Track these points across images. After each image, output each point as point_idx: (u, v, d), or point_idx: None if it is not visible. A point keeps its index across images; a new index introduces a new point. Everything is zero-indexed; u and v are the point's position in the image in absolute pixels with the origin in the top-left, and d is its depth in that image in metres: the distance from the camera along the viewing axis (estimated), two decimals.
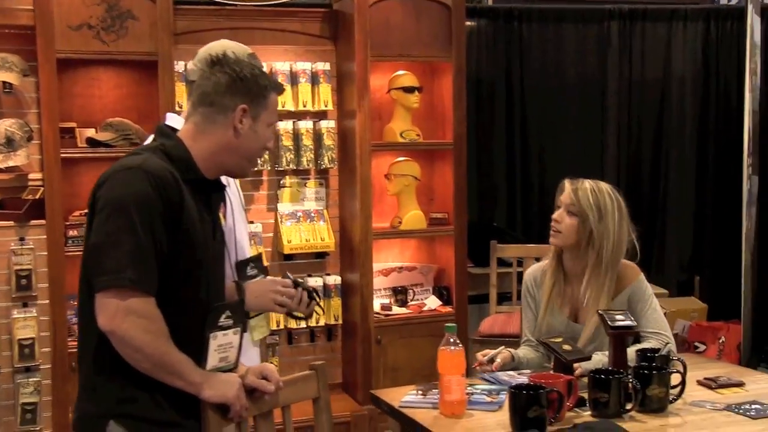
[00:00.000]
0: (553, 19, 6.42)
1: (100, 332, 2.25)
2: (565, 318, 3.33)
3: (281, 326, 5.06)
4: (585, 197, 3.28)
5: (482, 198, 6.27)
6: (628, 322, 2.98)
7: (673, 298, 6.31)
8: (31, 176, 4.66)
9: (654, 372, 2.79)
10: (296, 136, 5.05)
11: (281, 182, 5.15)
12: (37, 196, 4.59)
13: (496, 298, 5.30)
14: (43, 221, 4.50)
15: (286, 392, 2.69)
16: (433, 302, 5.27)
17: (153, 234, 2.27)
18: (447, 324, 2.90)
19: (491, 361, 3.16)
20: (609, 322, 2.96)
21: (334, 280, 5.15)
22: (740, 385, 3.07)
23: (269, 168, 5.07)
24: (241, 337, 2.52)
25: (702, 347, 6.03)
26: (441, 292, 5.31)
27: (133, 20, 4.66)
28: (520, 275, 4.97)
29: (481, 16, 6.26)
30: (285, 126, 5.01)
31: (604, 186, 3.37)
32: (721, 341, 5.96)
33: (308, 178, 5.21)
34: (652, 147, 6.60)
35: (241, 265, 3.05)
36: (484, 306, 5.51)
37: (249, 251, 3.18)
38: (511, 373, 3.15)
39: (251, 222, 5.05)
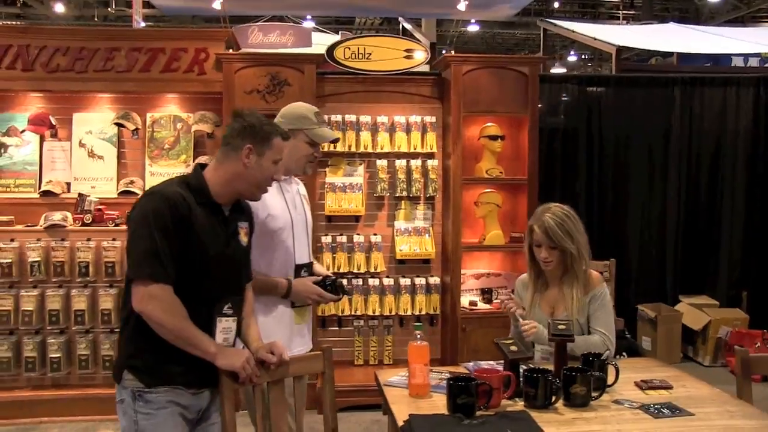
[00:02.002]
0: (627, 84, 6.67)
1: (130, 308, 2.57)
2: (545, 315, 3.44)
3: (393, 312, 5.66)
4: (555, 233, 3.33)
5: None
6: (567, 331, 3.02)
7: (721, 308, 6.37)
8: None
9: (577, 374, 2.79)
10: (408, 172, 5.68)
11: (398, 205, 5.80)
12: None
13: None
14: None
15: (298, 365, 2.94)
16: None
17: (167, 239, 2.52)
18: (415, 324, 3.12)
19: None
20: (552, 330, 3.04)
21: (434, 280, 5.65)
22: (668, 388, 3.00)
23: (388, 194, 5.44)
24: (238, 327, 2.73)
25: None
26: None
27: (288, 86, 5.45)
28: None
29: (568, 81, 6.53)
30: (400, 163, 5.71)
31: (559, 211, 3.41)
32: (756, 346, 5.92)
33: (419, 203, 5.82)
34: (708, 187, 6.91)
35: (298, 268, 3.36)
36: None
37: (307, 258, 3.44)
38: (491, 363, 3.20)
39: (375, 234, 5.39)
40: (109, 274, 5.25)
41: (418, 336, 2.92)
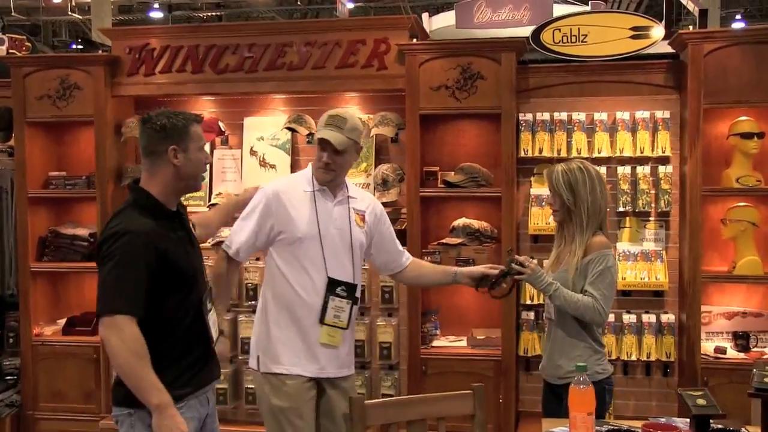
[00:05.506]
0: None
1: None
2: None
3: (615, 357, 4.69)
4: (557, 179, 3.41)
5: None
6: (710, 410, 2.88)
7: None
8: (403, 210, 4.85)
9: None
10: (634, 181, 4.73)
11: (621, 223, 4.83)
12: (402, 227, 4.60)
13: None
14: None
15: (442, 405, 2.98)
16: None
17: (147, 269, 2.71)
18: (578, 365, 2.72)
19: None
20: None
21: (668, 318, 4.68)
22: None
23: (609, 209, 4.68)
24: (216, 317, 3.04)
25: None
26: None
27: (481, 80, 4.68)
28: None
29: None
30: (623, 170, 4.76)
31: (576, 163, 3.45)
32: None
33: (648, 220, 4.82)
34: None
35: (332, 282, 3.35)
36: None
37: (349, 278, 3.45)
38: None
39: None
40: None
41: (581, 379, 2.60)
